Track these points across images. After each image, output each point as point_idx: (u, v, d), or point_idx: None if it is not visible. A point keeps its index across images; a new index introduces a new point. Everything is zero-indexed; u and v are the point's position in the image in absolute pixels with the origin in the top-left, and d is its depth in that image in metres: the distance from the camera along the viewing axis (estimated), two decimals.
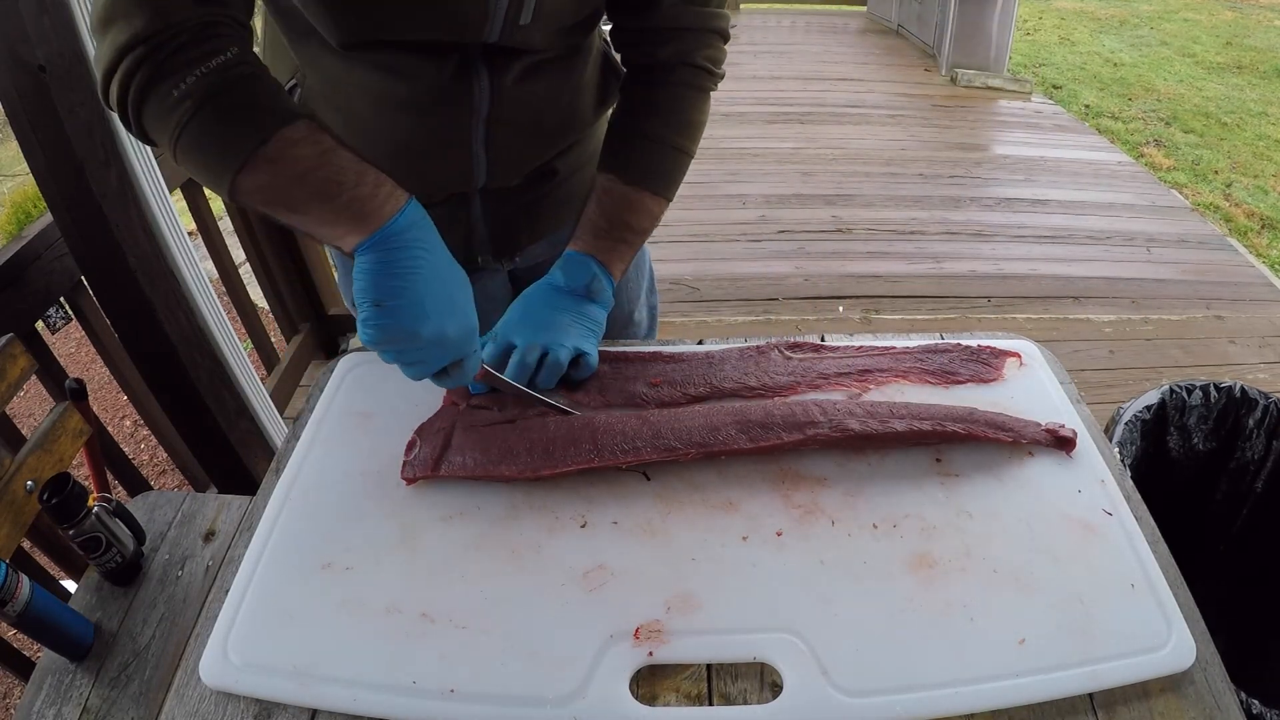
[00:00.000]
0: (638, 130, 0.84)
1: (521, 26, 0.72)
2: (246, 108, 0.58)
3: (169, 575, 1.02)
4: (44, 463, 1.02)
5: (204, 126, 0.57)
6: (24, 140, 1.19)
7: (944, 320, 2.53)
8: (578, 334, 0.80)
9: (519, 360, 0.76)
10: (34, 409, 2.79)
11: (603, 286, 0.82)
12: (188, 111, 0.57)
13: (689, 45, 0.82)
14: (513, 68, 0.77)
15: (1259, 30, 6.72)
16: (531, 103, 0.81)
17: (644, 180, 0.83)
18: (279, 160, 0.58)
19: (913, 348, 0.85)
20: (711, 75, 0.85)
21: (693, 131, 0.86)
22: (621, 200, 0.83)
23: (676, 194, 0.87)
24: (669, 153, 0.84)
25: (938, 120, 4.16)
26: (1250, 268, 2.87)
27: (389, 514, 0.68)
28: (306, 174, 0.59)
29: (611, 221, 0.83)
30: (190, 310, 1.45)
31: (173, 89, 0.57)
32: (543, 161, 0.89)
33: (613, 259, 0.83)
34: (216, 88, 0.57)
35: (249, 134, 0.58)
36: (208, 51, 0.57)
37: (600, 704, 0.55)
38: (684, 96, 0.84)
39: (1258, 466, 1.40)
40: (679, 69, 0.83)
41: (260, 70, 0.60)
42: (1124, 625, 0.59)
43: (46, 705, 0.89)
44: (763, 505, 0.68)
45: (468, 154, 0.81)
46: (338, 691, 0.56)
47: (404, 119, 0.78)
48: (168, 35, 0.56)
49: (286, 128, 0.58)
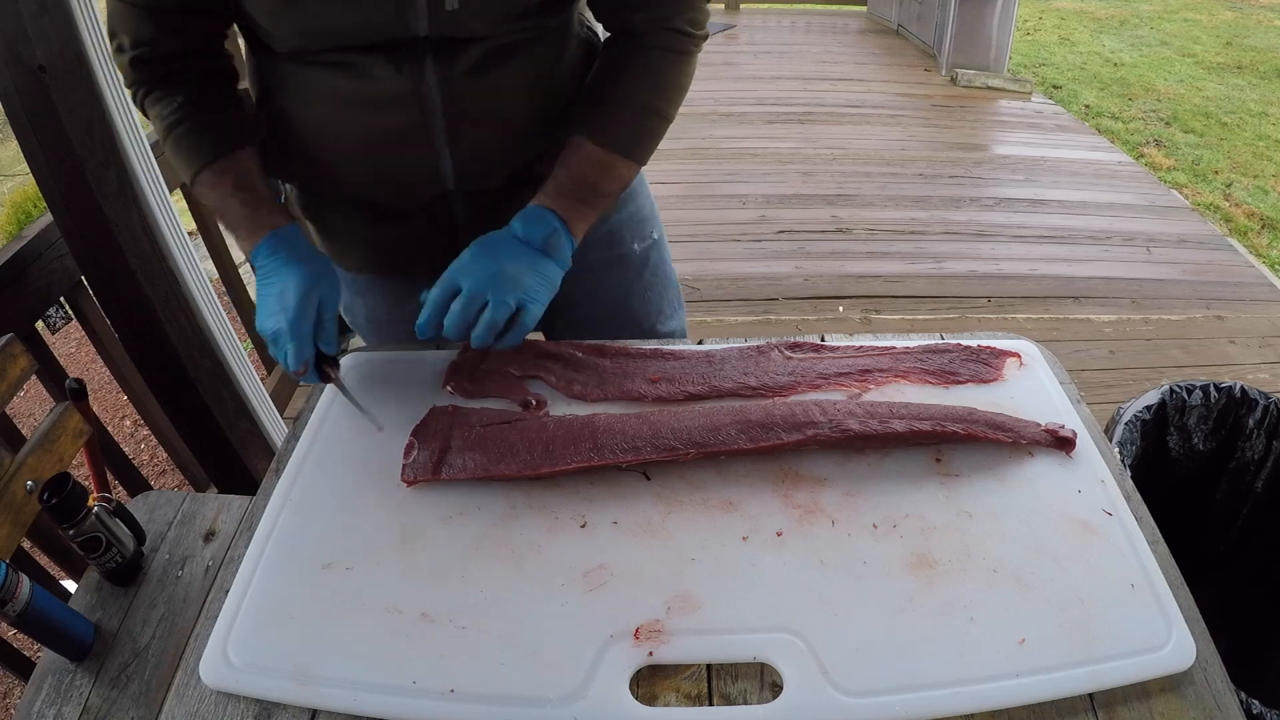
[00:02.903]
0: (611, 92, 0.82)
1: (450, 13, 0.71)
2: (186, 149, 0.78)
3: (169, 575, 1.02)
4: (44, 463, 1.02)
5: (170, 148, 0.79)
6: (24, 140, 1.19)
7: (944, 320, 2.53)
8: (527, 287, 0.76)
9: (460, 312, 0.74)
10: (34, 409, 2.79)
11: (561, 243, 0.79)
12: (161, 133, 0.79)
13: (667, 9, 0.80)
14: (460, 59, 0.75)
15: (1259, 30, 6.72)
16: (493, 96, 0.80)
17: (614, 143, 0.81)
18: (201, 195, 0.81)
19: (913, 348, 0.85)
20: (690, 37, 0.82)
21: (670, 94, 0.84)
22: (589, 161, 0.81)
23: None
24: (642, 115, 0.83)
25: (938, 120, 4.16)
26: (1250, 268, 2.87)
27: (389, 514, 0.68)
28: (215, 209, 0.81)
29: (576, 181, 0.81)
30: (190, 310, 1.45)
31: (159, 109, 0.78)
32: (523, 161, 0.87)
33: (574, 218, 0.81)
34: (175, 124, 0.78)
35: (185, 169, 0.79)
36: (175, 88, 0.78)
37: (600, 704, 0.55)
38: (661, 60, 0.82)
39: (1258, 466, 1.40)
40: (657, 33, 0.81)
41: (200, 113, 0.78)
42: (1124, 625, 0.59)
43: (46, 705, 0.89)
44: (763, 505, 0.68)
45: (430, 151, 0.80)
46: (338, 691, 0.56)
47: (361, 118, 0.79)
48: (149, 60, 0.76)
49: (203, 171, 0.78)
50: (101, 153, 1.24)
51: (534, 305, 0.77)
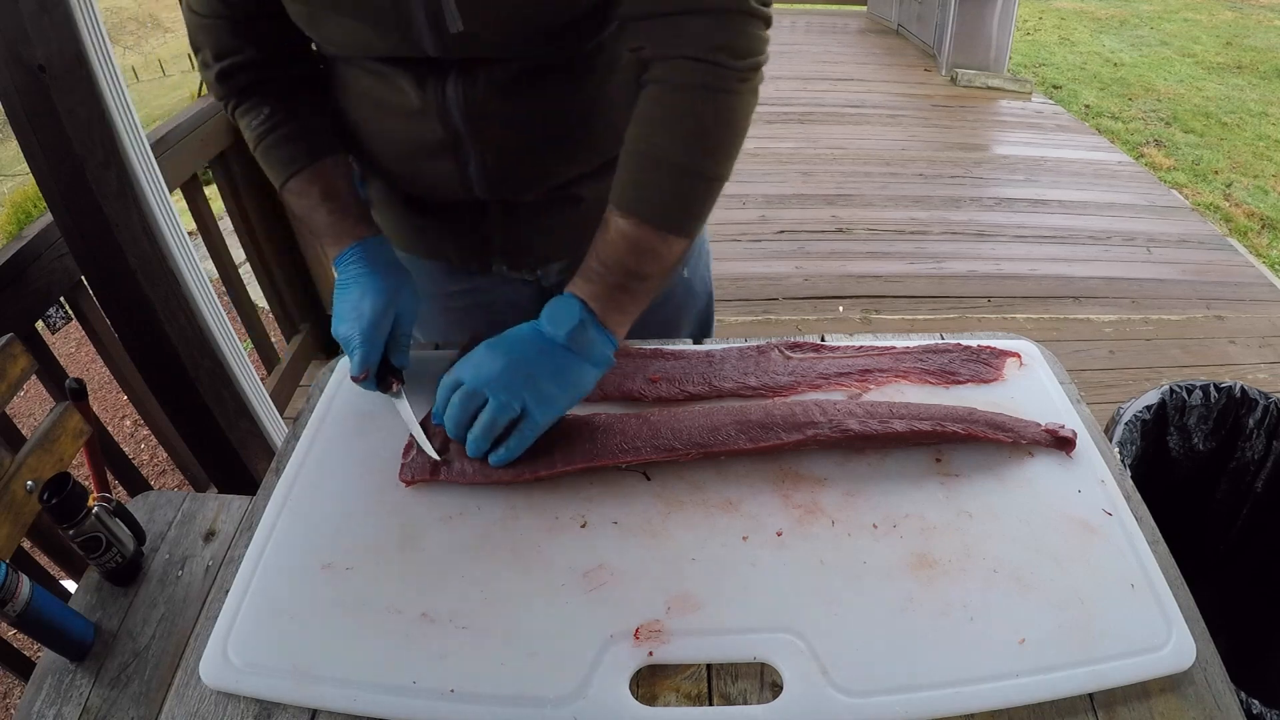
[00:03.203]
0: (635, 150, 0.69)
1: (457, 35, 0.66)
2: (274, 159, 0.79)
3: (169, 575, 1.02)
4: (44, 463, 1.02)
5: (260, 157, 0.80)
6: (24, 140, 1.19)
7: (944, 320, 2.53)
8: (539, 389, 0.67)
9: (457, 408, 0.68)
10: (34, 409, 2.79)
11: (590, 338, 0.68)
12: (252, 144, 0.79)
13: (692, 32, 0.65)
14: (481, 78, 0.72)
15: (1259, 30, 6.72)
16: (521, 116, 0.75)
17: (645, 213, 0.68)
18: (289, 203, 0.81)
19: (913, 348, 0.85)
20: (725, 69, 0.66)
21: (705, 144, 0.68)
22: (619, 239, 0.69)
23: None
24: (675, 175, 0.68)
25: (938, 120, 4.16)
26: (1250, 268, 2.88)
27: (389, 514, 0.68)
28: (303, 217, 0.81)
29: (607, 264, 0.69)
30: (190, 310, 1.45)
31: (248, 120, 0.78)
32: (559, 181, 0.82)
33: (609, 309, 0.69)
34: (263, 135, 0.78)
35: (274, 178, 0.79)
36: (262, 98, 0.78)
37: (600, 704, 0.55)
38: (691, 101, 0.67)
39: (1258, 466, 1.40)
40: (681, 64, 0.66)
41: (287, 123, 0.78)
42: (1124, 625, 0.59)
43: (46, 705, 0.89)
44: (763, 505, 0.68)
45: (457, 163, 0.78)
46: (338, 691, 0.56)
47: (394, 124, 0.79)
48: (234, 71, 0.77)
49: (291, 180, 0.78)
50: (101, 153, 1.24)
51: (540, 411, 0.67)
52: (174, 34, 20.60)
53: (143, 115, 1.31)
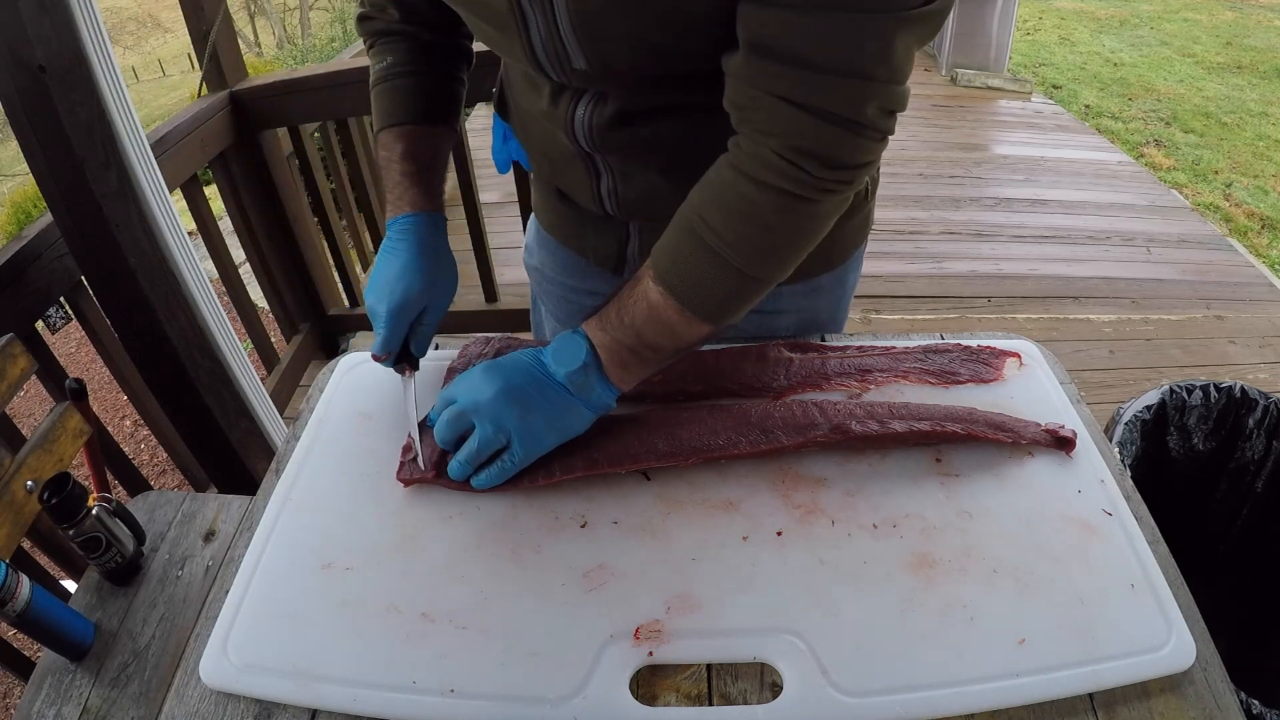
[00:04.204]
0: (687, 212, 0.64)
1: (579, 71, 0.65)
2: (379, 107, 0.81)
3: (169, 575, 1.02)
4: (44, 463, 1.02)
5: (373, 100, 0.82)
6: (24, 140, 1.19)
7: (944, 320, 2.53)
8: (527, 422, 0.65)
9: (446, 426, 0.68)
10: (34, 409, 2.79)
11: (590, 384, 0.66)
12: (371, 85, 0.81)
13: (784, 124, 0.57)
14: (609, 105, 0.69)
15: (1259, 30, 6.72)
16: (647, 148, 0.72)
17: (671, 280, 0.63)
18: (376, 152, 0.84)
19: (913, 348, 0.85)
20: (808, 177, 0.58)
21: (760, 246, 0.62)
22: (642, 297, 0.65)
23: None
24: (713, 262, 0.62)
25: (938, 120, 4.16)
26: (1250, 268, 2.88)
27: (389, 514, 0.68)
28: (381, 166, 0.82)
29: (624, 319, 0.65)
30: (190, 310, 1.45)
31: (373, 62, 0.81)
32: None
33: (614, 362, 0.66)
34: (377, 81, 0.81)
35: (375, 121, 0.82)
36: (388, 48, 0.80)
37: (600, 704, 0.55)
38: (754, 191, 0.59)
39: (1258, 466, 1.40)
40: (764, 152, 0.58)
41: (401, 78, 0.80)
42: (1124, 625, 0.59)
43: (46, 705, 0.89)
44: (763, 505, 0.68)
45: (587, 177, 0.78)
46: (338, 691, 0.56)
47: (535, 124, 0.79)
48: (370, 17, 0.81)
49: (383, 132, 0.80)
50: (101, 153, 1.24)
51: (523, 446, 0.66)
52: (174, 34, 20.60)
53: (143, 115, 1.31)
